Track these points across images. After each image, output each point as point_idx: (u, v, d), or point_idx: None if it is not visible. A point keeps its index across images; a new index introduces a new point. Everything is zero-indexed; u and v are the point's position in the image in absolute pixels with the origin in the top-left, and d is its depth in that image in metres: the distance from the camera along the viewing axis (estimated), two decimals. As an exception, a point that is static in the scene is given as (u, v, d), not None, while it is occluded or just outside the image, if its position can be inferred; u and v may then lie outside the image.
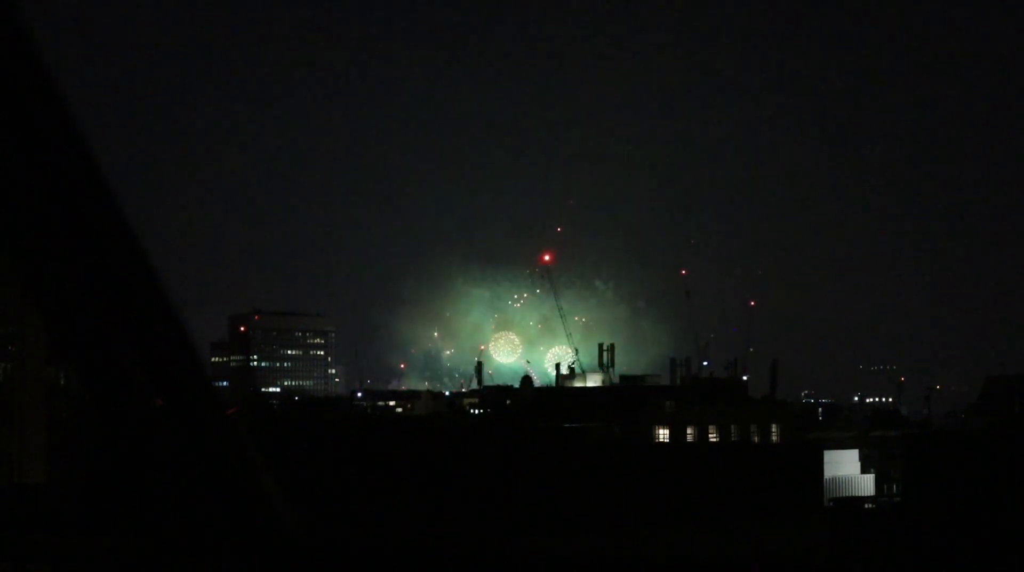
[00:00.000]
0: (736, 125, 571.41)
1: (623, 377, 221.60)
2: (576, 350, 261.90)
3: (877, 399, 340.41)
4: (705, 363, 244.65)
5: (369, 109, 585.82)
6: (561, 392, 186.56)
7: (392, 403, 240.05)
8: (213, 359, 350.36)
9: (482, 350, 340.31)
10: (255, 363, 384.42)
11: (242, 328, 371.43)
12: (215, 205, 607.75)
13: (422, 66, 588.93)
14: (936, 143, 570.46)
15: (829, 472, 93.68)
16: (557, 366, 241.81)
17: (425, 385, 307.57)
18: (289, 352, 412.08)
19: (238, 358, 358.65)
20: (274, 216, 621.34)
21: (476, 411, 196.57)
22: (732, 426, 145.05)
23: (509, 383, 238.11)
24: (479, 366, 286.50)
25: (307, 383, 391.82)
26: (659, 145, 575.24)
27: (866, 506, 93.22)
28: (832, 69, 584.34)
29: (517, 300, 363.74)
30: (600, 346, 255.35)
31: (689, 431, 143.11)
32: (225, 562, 6.56)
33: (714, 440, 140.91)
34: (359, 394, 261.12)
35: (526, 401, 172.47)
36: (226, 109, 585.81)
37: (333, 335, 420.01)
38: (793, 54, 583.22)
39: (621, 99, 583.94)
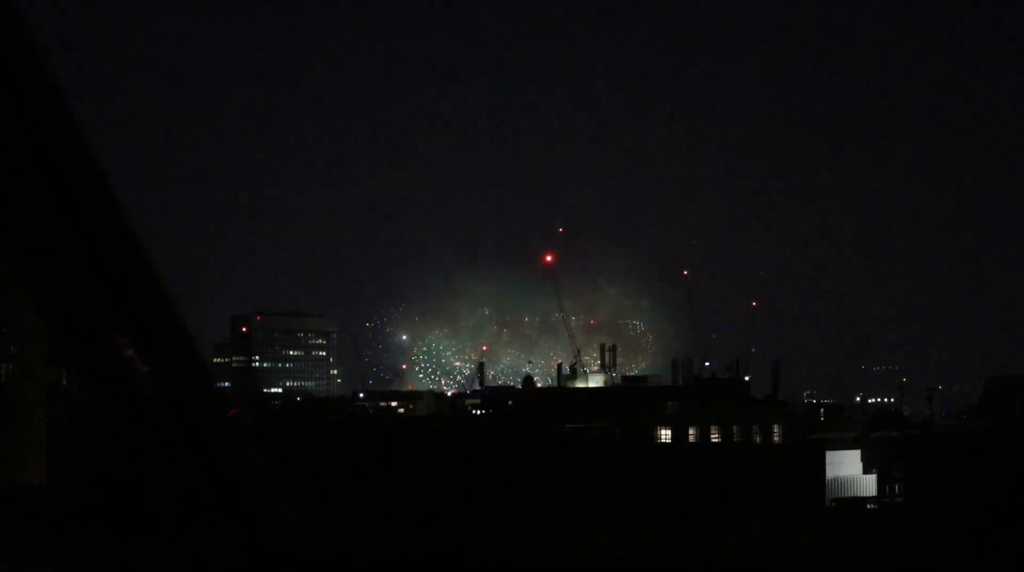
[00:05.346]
0: (738, 127, 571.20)
1: (625, 377, 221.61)
2: (578, 351, 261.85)
3: (879, 400, 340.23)
4: (707, 364, 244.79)
5: (371, 110, 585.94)
6: (563, 393, 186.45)
7: (394, 404, 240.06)
8: (215, 360, 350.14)
9: (484, 350, 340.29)
10: (257, 364, 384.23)
11: (244, 329, 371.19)
12: (217, 206, 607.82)
13: (424, 67, 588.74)
14: (938, 145, 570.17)
15: (831, 472, 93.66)
16: (559, 366, 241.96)
17: (427, 385, 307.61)
18: (291, 353, 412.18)
19: (240, 359, 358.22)
20: (276, 217, 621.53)
21: (478, 412, 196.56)
22: (734, 427, 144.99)
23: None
24: (481, 366, 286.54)
25: (309, 384, 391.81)
26: (662, 147, 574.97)
27: (868, 506, 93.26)
28: (836, 71, 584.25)
29: (519, 300, 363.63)
30: (602, 347, 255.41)
31: (691, 432, 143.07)
32: (226, 563, 6.57)
33: (716, 441, 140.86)
34: (361, 395, 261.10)
35: (528, 402, 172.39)
36: (228, 111, 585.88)
37: (335, 336, 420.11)
38: (798, 57, 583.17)
39: (625, 100, 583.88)
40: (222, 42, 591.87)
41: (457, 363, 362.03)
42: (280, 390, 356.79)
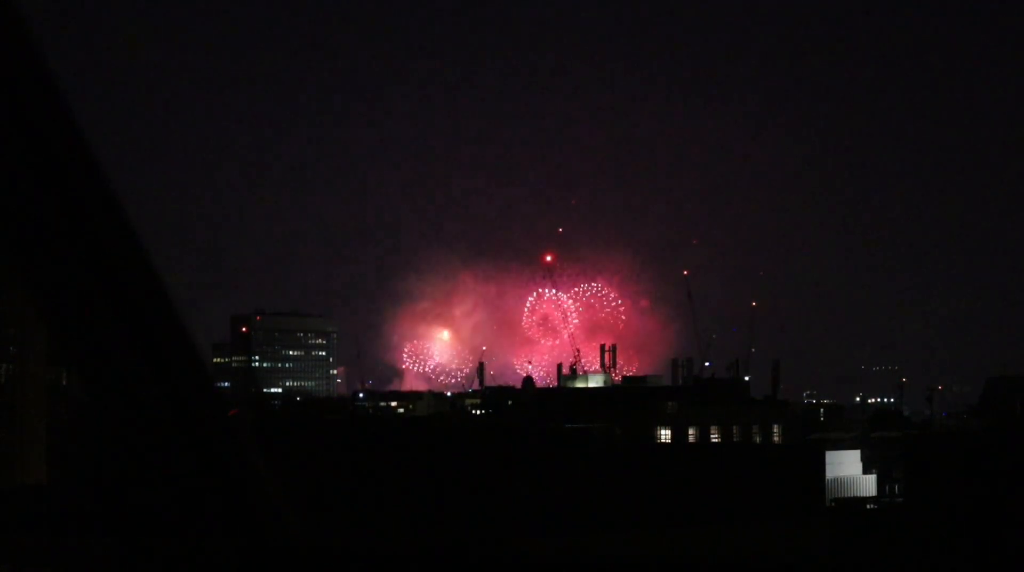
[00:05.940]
0: (738, 126, 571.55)
1: (625, 378, 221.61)
2: (578, 350, 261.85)
3: (879, 400, 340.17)
4: (707, 364, 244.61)
5: (371, 109, 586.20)
6: (563, 393, 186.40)
7: (394, 404, 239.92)
8: (215, 360, 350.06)
9: (484, 350, 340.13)
10: (257, 364, 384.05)
11: (244, 329, 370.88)
12: (217, 206, 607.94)
13: (425, 65, 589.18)
14: (937, 144, 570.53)
15: (831, 472, 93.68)
16: (559, 366, 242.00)
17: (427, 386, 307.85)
18: (291, 353, 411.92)
19: (240, 359, 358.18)
20: (276, 217, 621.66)
21: (478, 412, 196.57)
22: (734, 427, 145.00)
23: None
24: (481, 366, 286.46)
25: (309, 384, 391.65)
26: (662, 146, 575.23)
27: (868, 506, 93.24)
28: (834, 71, 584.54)
29: (519, 300, 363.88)
30: (602, 347, 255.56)
31: (691, 432, 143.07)
32: (226, 563, 6.56)
33: (716, 441, 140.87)
34: (360, 395, 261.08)
35: (528, 402, 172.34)
36: (229, 111, 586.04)
37: (335, 336, 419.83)
38: (796, 56, 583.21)
39: (624, 99, 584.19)
40: (223, 38, 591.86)
41: (457, 363, 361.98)
42: (280, 390, 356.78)
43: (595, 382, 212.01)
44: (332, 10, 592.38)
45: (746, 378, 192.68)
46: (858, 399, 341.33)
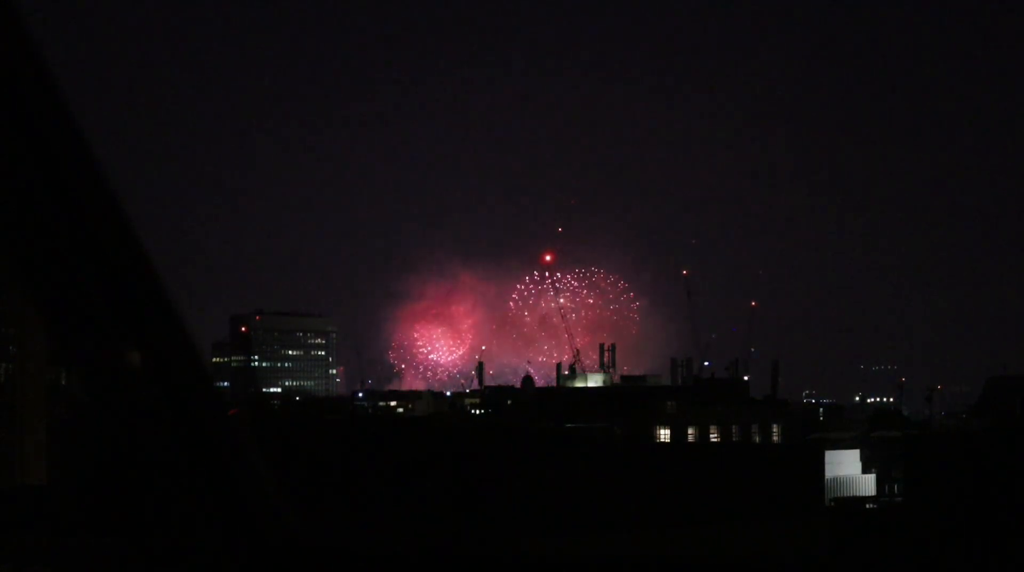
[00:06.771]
0: (737, 125, 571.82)
1: (624, 377, 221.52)
2: (577, 350, 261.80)
3: (878, 399, 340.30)
4: (706, 363, 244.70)
5: (371, 109, 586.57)
6: (562, 392, 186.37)
7: (393, 403, 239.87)
8: (214, 359, 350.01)
9: (483, 350, 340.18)
10: (256, 363, 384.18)
11: (243, 328, 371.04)
12: (216, 206, 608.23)
13: (425, 66, 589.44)
14: (937, 144, 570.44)
15: (830, 472, 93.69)
16: (558, 366, 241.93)
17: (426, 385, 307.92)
18: (290, 352, 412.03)
19: (239, 358, 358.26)
20: (276, 216, 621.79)
21: (478, 412, 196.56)
22: (733, 426, 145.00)
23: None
24: (481, 366, 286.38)
25: (308, 383, 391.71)
26: (660, 146, 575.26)
27: (867, 506, 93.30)
28: (833, 70, 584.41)
29: (519, 300, 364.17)
30: (601, 346, 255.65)
31: (690, 431, 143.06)
32: (226, 563, 6.56)
33: (715, 440, 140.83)
34: (360, 395, 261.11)
35: (528, 402, 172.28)
36: (228, 110, 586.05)
37: (335, 336, 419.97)
38: (794, 55, 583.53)
39: (624, 100, 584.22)
40: (221, 38, 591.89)
41: (456, 363, 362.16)
42: (279, 390, 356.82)
43: (594, 381, 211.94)
44: (330, 9, 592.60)
45: (745, 378, 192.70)
46: (858, 399, 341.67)
